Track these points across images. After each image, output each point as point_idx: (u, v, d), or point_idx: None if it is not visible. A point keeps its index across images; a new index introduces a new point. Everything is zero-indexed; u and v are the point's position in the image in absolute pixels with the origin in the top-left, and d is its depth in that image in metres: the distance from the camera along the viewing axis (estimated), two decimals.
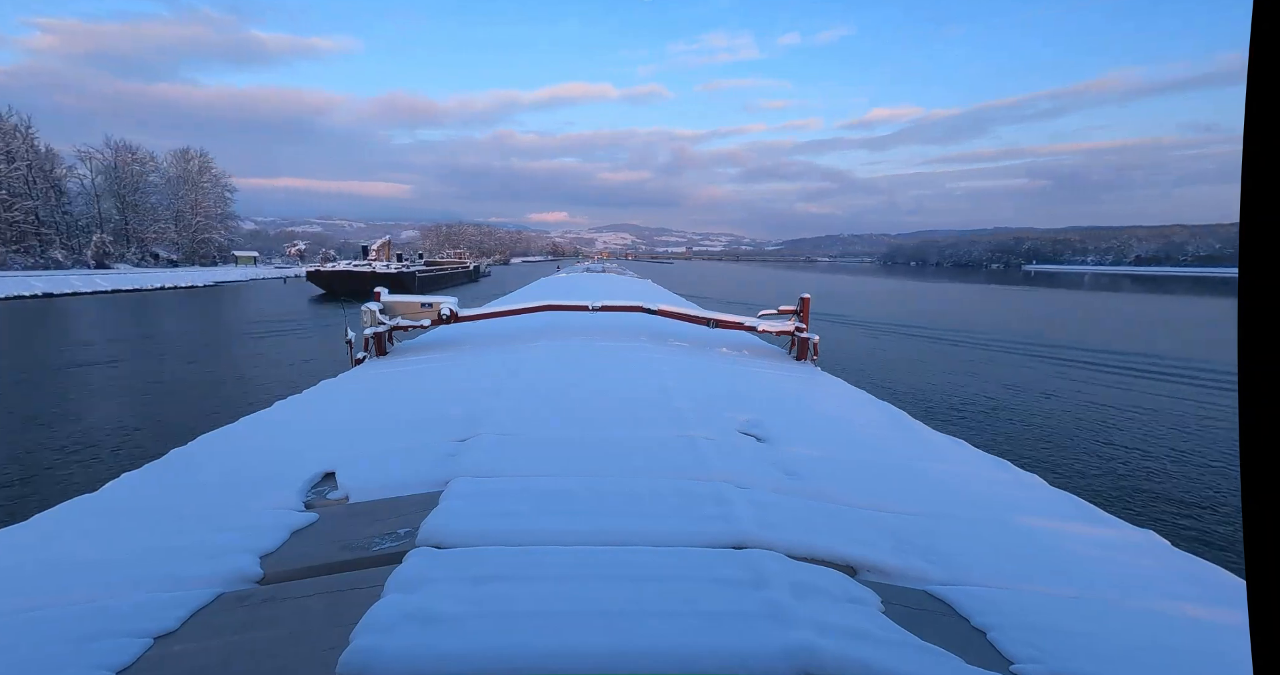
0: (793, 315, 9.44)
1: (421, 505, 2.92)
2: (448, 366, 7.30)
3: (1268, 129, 0.55)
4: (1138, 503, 7.64)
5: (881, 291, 56.44)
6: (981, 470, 4.29)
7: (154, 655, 1.90)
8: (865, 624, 2.01)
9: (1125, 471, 8.79)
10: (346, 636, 1.81)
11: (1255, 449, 0.58)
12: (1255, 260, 0.57)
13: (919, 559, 2.67)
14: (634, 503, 2.94)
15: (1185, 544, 4.02)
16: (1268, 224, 0.56)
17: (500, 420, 4.36)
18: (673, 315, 9.63)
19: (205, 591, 2.28)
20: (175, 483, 3.64)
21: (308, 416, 5.24)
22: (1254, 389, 0.58)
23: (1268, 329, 0.56)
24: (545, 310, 9.71)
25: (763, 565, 2.30)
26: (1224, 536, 6.69)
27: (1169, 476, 8.56)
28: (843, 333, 24.17)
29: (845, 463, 4.07)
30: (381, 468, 3.61)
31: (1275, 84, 0.54)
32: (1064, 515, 3.48)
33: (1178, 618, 2.40)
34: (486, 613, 1.94)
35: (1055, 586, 2.55)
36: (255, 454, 4.14)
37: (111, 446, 9.49)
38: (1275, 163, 0.55)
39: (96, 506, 3.28)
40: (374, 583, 2.18)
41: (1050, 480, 4.22)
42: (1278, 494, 0.57)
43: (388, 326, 8.86)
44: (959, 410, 12.27)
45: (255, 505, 3.13)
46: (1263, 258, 0.56)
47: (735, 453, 3.92)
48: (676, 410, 4.82)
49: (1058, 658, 1.98)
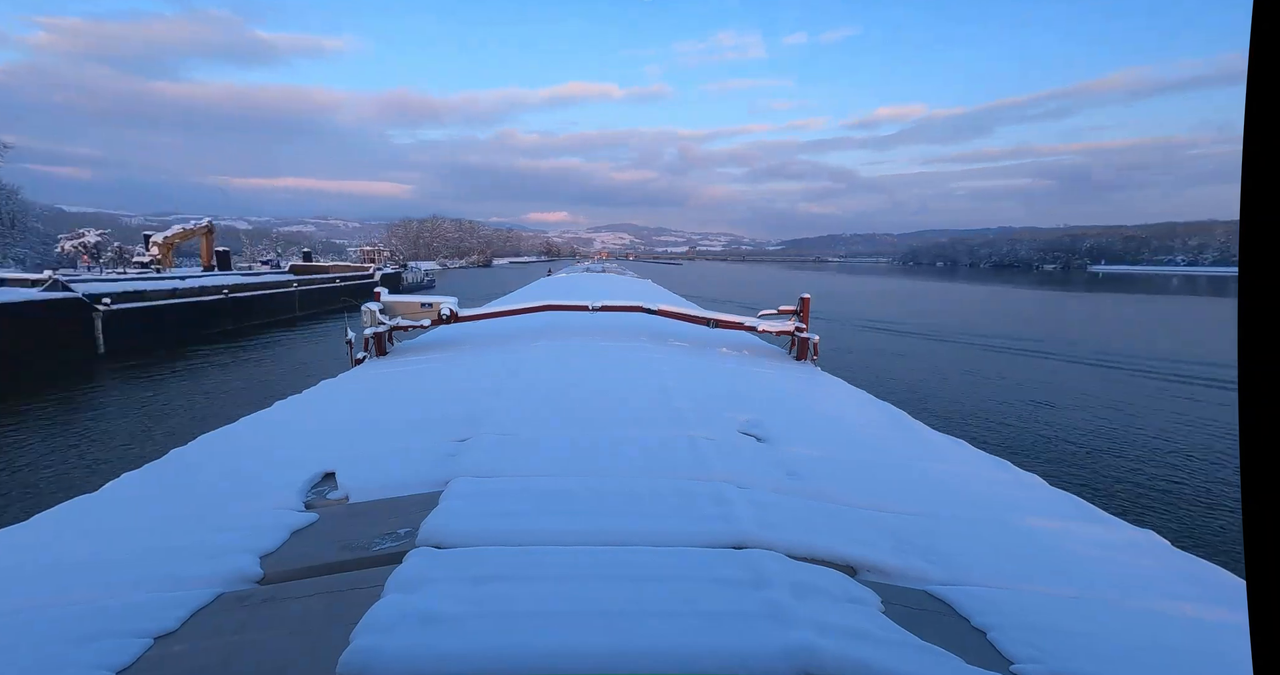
0: (793, 315, 9.44)
1: (421, 505, 2.92)
2: (448, 366, 7.30)
3: (1268, 129, 0.55)
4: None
5: (928, 294, 46.05)
6: (981, 470, 4.29)
7: (154, 655, 1.90)
8: (865, 624, 2.01)
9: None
10: (346, 636, 1.81)
11: (1255, 449, 0.58)
12: (1255, 260, 0.57)
13: (919, 559, 2.67)
14: (634, 503, 2.94)
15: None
16: (1268, 224, 0.56)
17: (500, 420, 4.36)
18: (673, 315, 9.63)
19: (205, 591, 2.28)
20: (175, 483, 3.64)
21: (308, 417, 5.24)
22: (1254, 389, 0.58)
23: (1268, 329, 0.56)
24: (545, 310, 9.72)
25: (763, 565, 2.30)
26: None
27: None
28: (913, 346, 18.46)
29: (845, 463, 4.07)
30: (381, 468, 3.61)
31: (1275, 84, 0.54)
32: (1064, 515, 3.48)
33: (1178, 618, 2.40)
34: (486, 613, 1.94)
35: (1055, 586, 2.55)
36: (255, 454, 4.14)
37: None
38: (1275, 163, 0.55)
39: (96, 506, 3.28)
40: (374, 583, 2.18)
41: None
42: (1278, 494, 0.57)
43: (388, 326, 8.86)
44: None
45: (255, 505, 3.13)
46: (1263, 258, 0.56)
47: (735, 453, 3.92)
48: (676, 410, 4.82)
49: (1058, 658, 1.98)
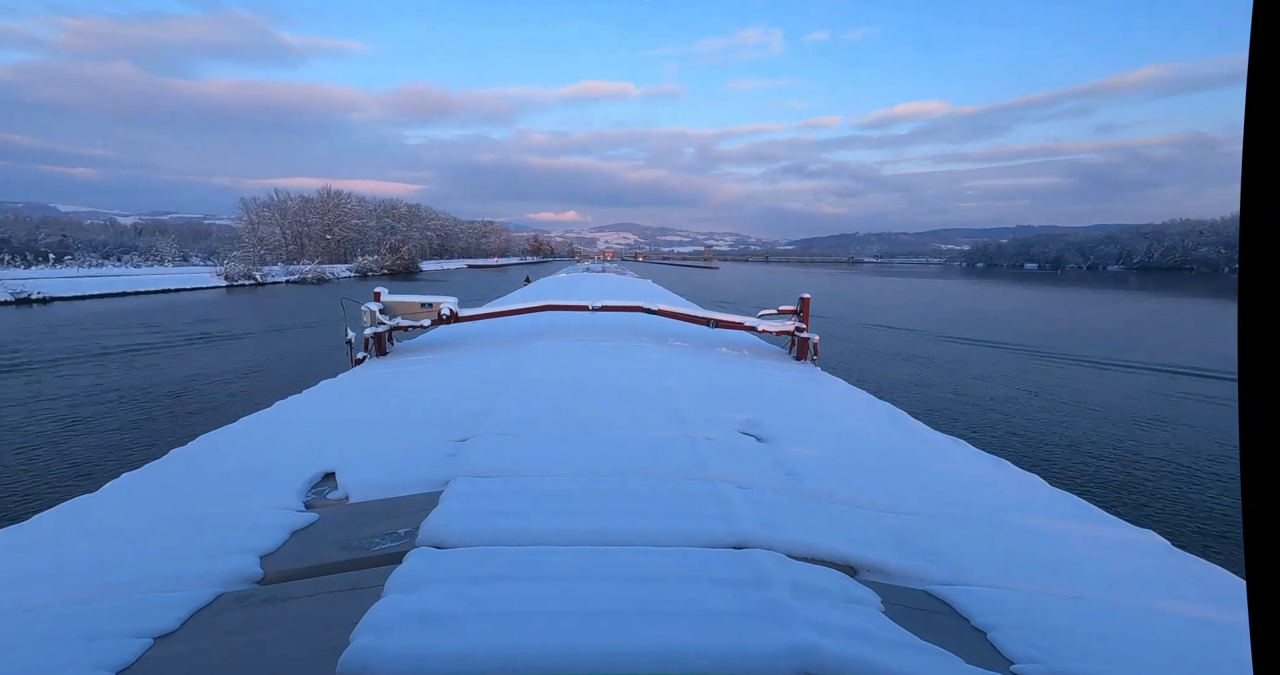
0: (793, 315, 9.44)
1: (421, 505, 2.92)
2: (448, 367, 7.30)
3: (1268, 129, 0.55)
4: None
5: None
6: (981, 470, 4.29)
7: (154, 655, 1.90)
8: (865, 624, 2.01)
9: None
10: (346, 636, 1.80)
11: (1255, 449, 0.58)
12: (1255, 260, 0.57)
13: (919, 559, 2.67)
14: (634, 503, 2.94)
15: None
16: (1268, 224, 0.56)
17: (500, 420, 4.36)
18: (673, 315, 9.63)
19: (205, 591, 2.28)
20: (175, 483, 3.64)
21: (308, 416, 5.24)
22: (1254, 389, 0.58)
23: (1268, 329, 0.56)
24: (545, 310, 9.72)
25: (763, 565, 2.29)
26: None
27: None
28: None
29: (845, 462, 4.07)
30: (381, 468, 3.61)
31: (1275, 84, 0.54)
32: (1064, 515, 3.48)
33: (1178, 618, 2.40)
34: (486, 613, 1.94)
35: (1055, 586, 2.55)
36: (255, 454, 4.14)
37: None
38: (1275, 163, 0.55)
39: (96, 506, 3.28)
40: (374, 583, 2.18)
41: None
42: (1278, 494, 0.57)
43: (388, 326, 8.86)
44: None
45: (255, 505, 3.13)
46: (1263, 258, 0.56)
47: (735, 453, 3.92)
48: (676, 410, 4.82)
49: (1058, 658, 1.98)
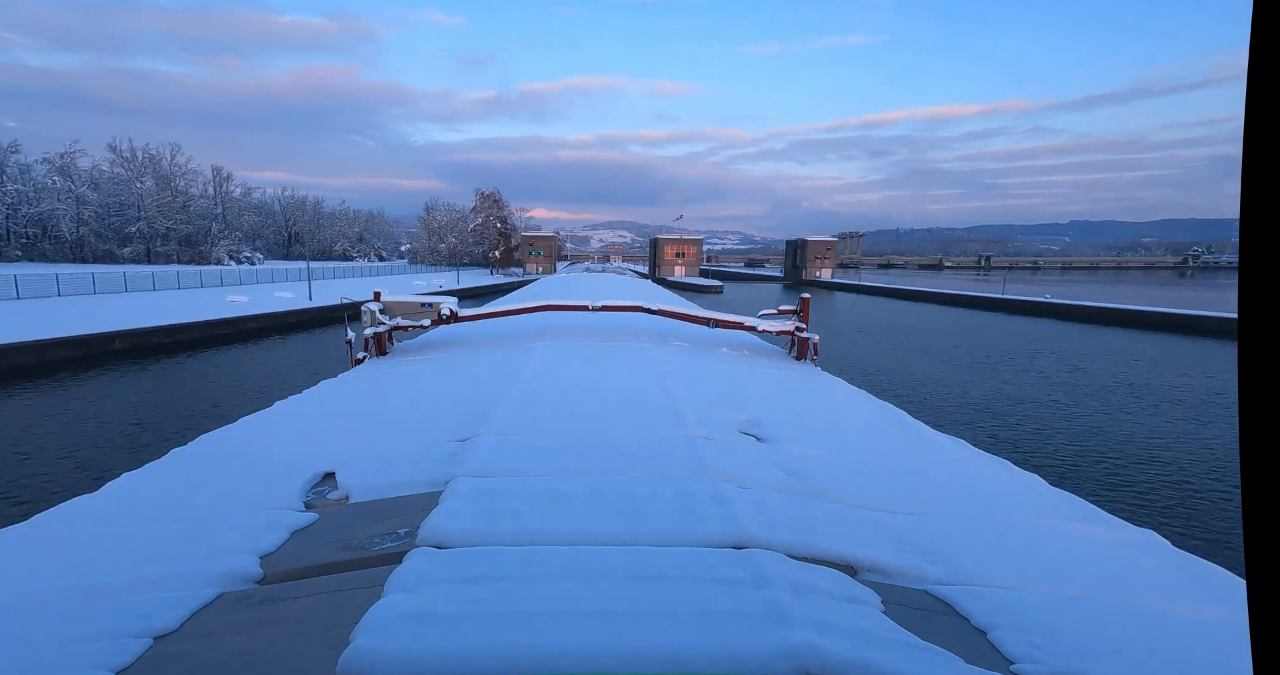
0: (793, 315, 9.44)
1: (421, 505, 2.92)
2: (448, 366, 7.30)
3: (1268, 129, 0.55)
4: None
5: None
6: (981, 470, 4.29)
7: (154, 655, 1.90)
8: (866, 624, 2.01)
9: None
10: (346, 636, 1.80)
11: (1255, 449, 0.58)
12: (1255, 260, 0.57)
13: (919, 559, 2.67)
14: (634, 503, 2.93)
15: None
16: (1268, 224, 0.56)
17: (500, 420, 4.35)
18: (673, 315, 9.63)
19: (205, 591, 2.28)
20: (175, 483, 3.64)
21: (308, 417, 5.24)
22: (1254, 389, 0.58)
23: (1268, 329, 0.57)
24: (545, 310, 9.71)
25: (763, 565, 2.29)
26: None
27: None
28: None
29: (845, 463, 4.07)
30: (382, 468, 3.61)
31: (1275, 84, 0.54)
32: (1064, 515, 3.48)
33: (1178, 618, 2.39)
34: (486, 613, 1.94)
35: (1055, 586, 2.55)
36: (255, 454, 4.14)
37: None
38: (1275, 163, 0.55)
39: (96, 506, 3.28)
40: (374, 583, 2.18)
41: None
42: (1278, 494, 0.57)
43: (388, 326, 8.86)
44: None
45: (255, 505, 3.13)
46: (1263, 258, 0.56)
47: (735, 453, 3.92)
48: (677, 410, 4.82)
49: (1058, 658, 1.98)
